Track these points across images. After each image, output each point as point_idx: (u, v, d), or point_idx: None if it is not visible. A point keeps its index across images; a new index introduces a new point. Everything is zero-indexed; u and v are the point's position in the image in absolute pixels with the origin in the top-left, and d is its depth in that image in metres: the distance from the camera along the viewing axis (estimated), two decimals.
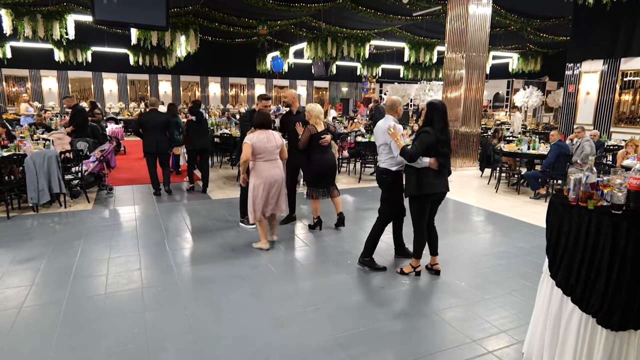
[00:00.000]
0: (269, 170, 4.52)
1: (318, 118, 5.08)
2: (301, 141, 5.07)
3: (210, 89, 22.08)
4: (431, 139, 3.69)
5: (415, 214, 3.94)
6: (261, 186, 4.50)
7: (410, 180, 3.85)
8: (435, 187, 3.80)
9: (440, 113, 3.77)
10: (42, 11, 10.34)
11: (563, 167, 6.95)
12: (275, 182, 4.56)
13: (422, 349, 2.92)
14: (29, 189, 5.83)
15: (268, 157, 4.50)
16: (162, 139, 6.96)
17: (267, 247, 4.71)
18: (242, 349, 2.89)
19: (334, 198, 5.46)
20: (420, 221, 3.94)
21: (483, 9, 9.69)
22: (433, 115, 3.77)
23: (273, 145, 4.52)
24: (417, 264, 4.11)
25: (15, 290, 3.68)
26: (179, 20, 11.86)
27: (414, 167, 3.79)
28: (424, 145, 3.68)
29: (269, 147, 4.48)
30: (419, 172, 3.78)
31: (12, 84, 18.35)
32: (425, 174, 3.76)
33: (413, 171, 3.82)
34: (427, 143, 3.68)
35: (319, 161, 5.16)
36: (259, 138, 4.46)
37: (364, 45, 13.85)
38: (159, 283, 3.86)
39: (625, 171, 2.42)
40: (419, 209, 3.90)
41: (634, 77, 10.95)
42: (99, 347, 2.87)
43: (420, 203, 3.87)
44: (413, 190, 3.82)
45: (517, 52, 17.51)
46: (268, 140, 4.49)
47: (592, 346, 2.33)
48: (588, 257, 2.31)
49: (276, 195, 4.62)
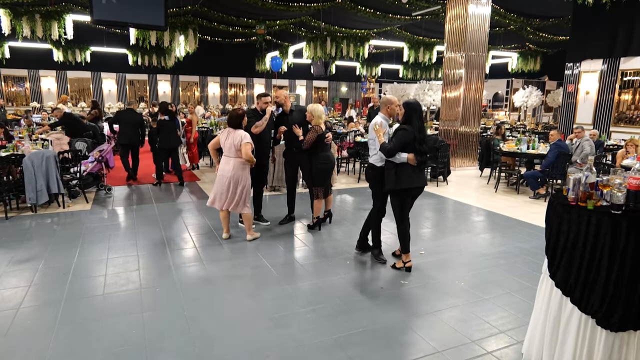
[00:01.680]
0: (221, 164, 4.91)
1: (320, 118, 5.12)
2: (307, 141, 5.07)
3: (210, 88, 22.06)
4: (409, 137, 3.86)
5: (397, 209, 4.10)
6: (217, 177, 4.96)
7: (389, 176, 4.00)
8: (413, 182, 3.96)
9: (418, 113, 3.98)
10: (40, 11, 10.31)
11: (562, 167, 6.94)
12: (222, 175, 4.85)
13: (421, 349, 2.91)
14: (27, 190, 5.82)
15: (225, 153, 4.87)
16: (135, 134, 8.17)
17: (225, 236, 5.09)
18: (240, 349, 2.87)
19: (329, 196, 5.56)
20: (402, 215, 4.10)
21: (482, 8, 9.68)
22: (412, 115, 3.95)
23: (230, 143, 4.80)
24: (407, 258, 4.22)
25: (13, 290, 3.66)
26: (178, 20, 11.84)
27: (393, 163, 3.95)
28: (401, 142, 3.86)
29: (223, 143, 4.87)
30: (397, 168, 3.93)
31: (11, 84, 18.32)
32: (403, 169, 3.93)
33: (392, 167, 3.98)
34: (404, 140, 3.86)
35: (326, 159, 5.22)
36: (222, 133, 4.93)
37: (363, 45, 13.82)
38: (158, 283, 3.85)
39: (624, 171, 2.41)
40: (399, 203, 4.08)
41: (634, 77, 10.94)
42: (97, 347, 2.86)
43: (400, 197, 4.05)
44: (392, 185, 3.97)
45: (517, 51, 17.49)
46: (226, 137, 4.83)
47: (592, 347, 2.32)
48: (587, 257, 2.30)
49: (222, 191, 4.84)
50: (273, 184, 7.50)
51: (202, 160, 10.59)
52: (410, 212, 4.16)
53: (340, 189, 7.97)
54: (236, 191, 4.82)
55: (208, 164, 10.50)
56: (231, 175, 4.77)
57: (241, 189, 4.83)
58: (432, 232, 5.58)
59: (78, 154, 6.64)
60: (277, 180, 7.45)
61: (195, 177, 8.91)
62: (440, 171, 8.45)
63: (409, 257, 4.21)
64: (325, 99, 24.60)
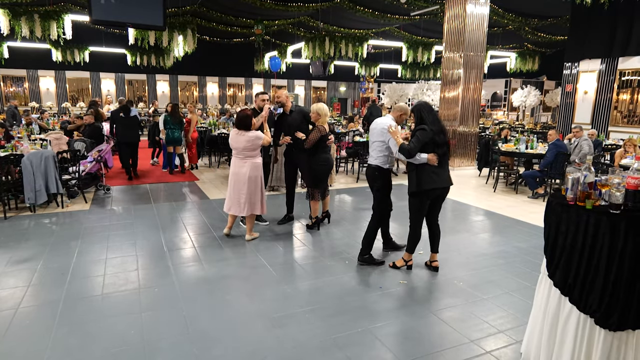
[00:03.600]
0: (233, 167, 4.88)
1: (326, 117, 5.10)
2: (310, 141, 5.04)
3: (208, 88, 22.05)
4: (428, 135, 3.80)
5: (413, 210, 4.03)
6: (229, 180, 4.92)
7: (410, 178, 3.94)
8: (434, 183, 3.87)
9: (426, 108, 3.93)
10: (39, 11, 10.30)
11: (561, 167, 6.95)
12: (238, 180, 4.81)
13: (419, 349, 2.91)
14: (26, 190, 5.81)
15: (236, 154, 4.85)
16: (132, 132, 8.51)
17: (226, 231, 5.10)
18: (239, 349, 2.87)
19: (326, 197, 5.52)
20: (416, 217, 4.03)
21: (481, 8, 9.69)
22: (421, 112, 3.90)
23: (243, 145, 4.76)
24: (409, 258, 4.21)
25: (12, 291, 3.66)
26: (177, 20, 11.84)
27: (413, 165, 3.88)
28: (421, 142, 3.78)
29: (236, 146, 4.81)
30: (418, 169, 3.86)
31: (10, 84, 18.29)
32: (423, 170, 3.85)
33: (412, 168, 3.91)
34: (424, 139, 3.79)
35: (325, 161, 5.18)
36: (231, 135, 4.87)
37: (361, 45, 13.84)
38: (156, 284, 3.85)
39: (623, 170, 2.41)
40: (417, 205, 3.98)
41: (632, 77, 10.96)
42: (96, 348, 2.86)
43: (419, 199, 3.95)
44: (413, 187, 3.90)
45: (515, 51, 17.52)
46: (235, 140, 4.79)
47: (590, 346, 2.32)
48: (586, 257, 2.30)
49: (241, 194, 4.81)
50: (272, 184, 7.50)
51: (200, 160, 10.58)
52: (409, 212, 4.11)
53: (340, 189, 7.97)
54: (256, 192, 4.84)
55: (207, 164, 10.49)
56: (249, 176, 4.77)
57: (260, 189, 4.87)
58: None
59: (77, 154, 6.63)
60: (276, 180, 7.45)
61: (195, 177, 8.91)
62: None
63: (411, 257, 4.22)
64: (324, 99, 24.59)
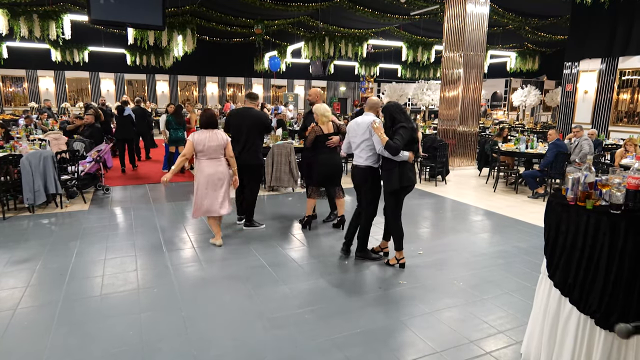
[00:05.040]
0: (208, 168, 4.65)
1: (324, 116, 5.04)
2: (308, 139, 5.08)
3: (208, 88, 22.05)
4: (409, 133, 3.91)
5: (392, 207, 4.13)
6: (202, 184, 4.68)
7: (392, 175, 3.98)
8: (410, 180, 4.03)
9: (397, 110, 4.02)
10: (38, 11, 10.29)
11: (561, 167, 6.94)
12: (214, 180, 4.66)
13: (419, 349, 2.90)
14: (24, 190, 5.79)
15: (210, 155, 4.63)
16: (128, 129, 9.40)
17: (219, 242, 4.82)
18: (237, 350, 2.86)
19: (339, 199, 5.45)
20: (396, 213, 4.14)
21: (481, 7, 9.68)
22: (393, 115, 4.00)
23: (214, 145, 4.60)
24: (400, 256, 4.26)
25: (10, 291, 3.65)
26: (176, 20, 11.82)
27: (394, 162, 3.94)
28: (405, 139, 3.88)
29: (211, 146, 4.60)
30: (400, 166, 3.94)
31: (9, 84, 18.28)
32: (404, 168, 3.96)
33: (394, 166, 3.96)
34: (407, 136, 3.89)
35: (325, 161, 5.14)
36: (200, 137, 4.59)
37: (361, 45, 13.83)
38: (155, 284, 3.84)
39: (623, 170, 2.40)
40: (396, 201, 4.11)
41: (632, 76, 10.95)
42: (95, 348, 2.85)
43: (397, 195, 4.08)
44: (396, 185, 3.97)
45: (515, 51, 17.51)
46: (210, 139, 4.59)
47: (591, 347, 2.31)
48: (586, 257, 2.29)
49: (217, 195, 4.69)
50: (272, 184, 7.49)
51: None
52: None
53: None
54: (228, 191, 4.81)
55: None
56: (223, 176, 4.72)
57: (229, 187, 4.83)
58: (431, 232, 5.56)
59: (76, 154, 6.62)
60: (276, 180, 7.43)
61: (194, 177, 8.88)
62: (439, 171, 8.44)
63: (402, 254, 4.26)
64: (324, 99, 24.59)
